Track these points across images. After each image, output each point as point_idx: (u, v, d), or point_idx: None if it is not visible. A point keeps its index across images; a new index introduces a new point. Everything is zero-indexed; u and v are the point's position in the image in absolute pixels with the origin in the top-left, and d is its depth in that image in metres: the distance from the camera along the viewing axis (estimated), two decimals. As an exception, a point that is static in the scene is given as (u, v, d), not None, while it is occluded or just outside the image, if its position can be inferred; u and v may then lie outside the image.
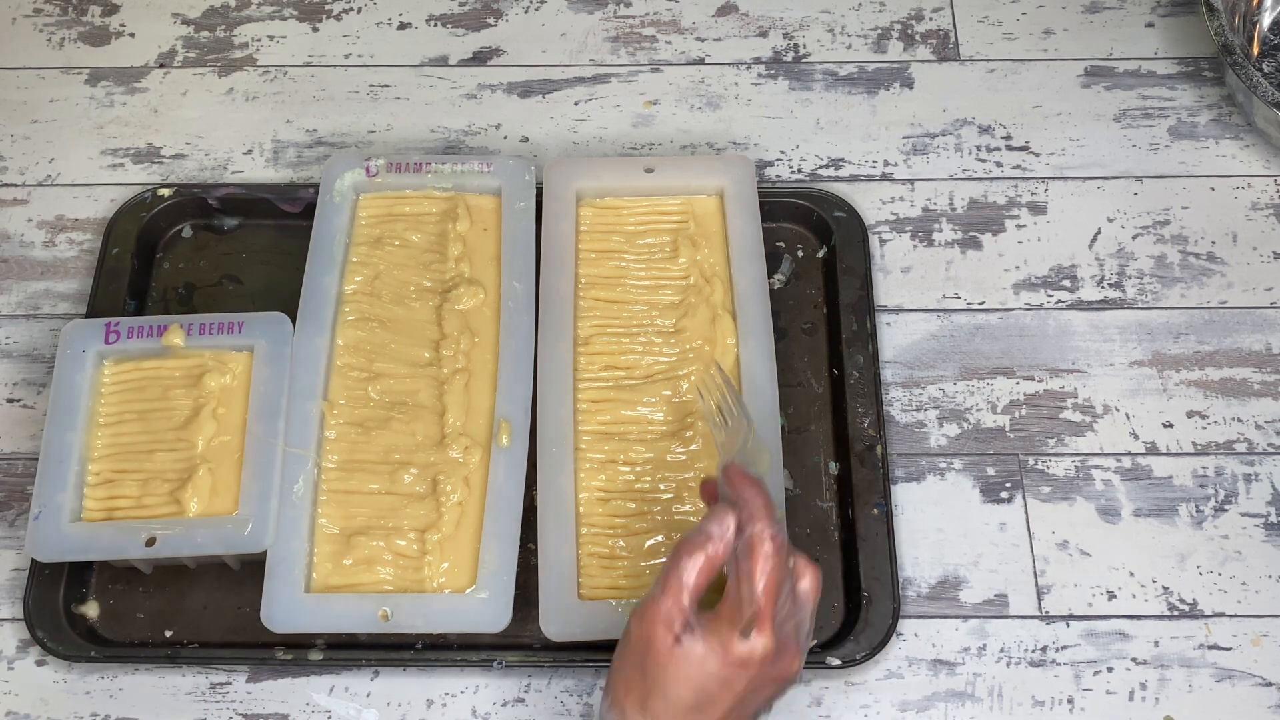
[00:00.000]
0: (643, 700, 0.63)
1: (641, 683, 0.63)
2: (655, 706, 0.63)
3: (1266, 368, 0.90)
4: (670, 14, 1.07)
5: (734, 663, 0.62)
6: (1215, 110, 1.01)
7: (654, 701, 0.63)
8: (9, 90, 1.03)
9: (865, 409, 0.86)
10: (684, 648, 0.62)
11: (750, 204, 0.90)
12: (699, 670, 0.62)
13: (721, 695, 0.63)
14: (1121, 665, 0.80)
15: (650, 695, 0.63)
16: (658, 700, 0.63)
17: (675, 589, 0.63)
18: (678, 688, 0.62)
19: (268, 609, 0.77)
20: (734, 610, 0.63)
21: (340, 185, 0.91)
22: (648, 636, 0.63)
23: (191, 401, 0.83)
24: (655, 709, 0.63)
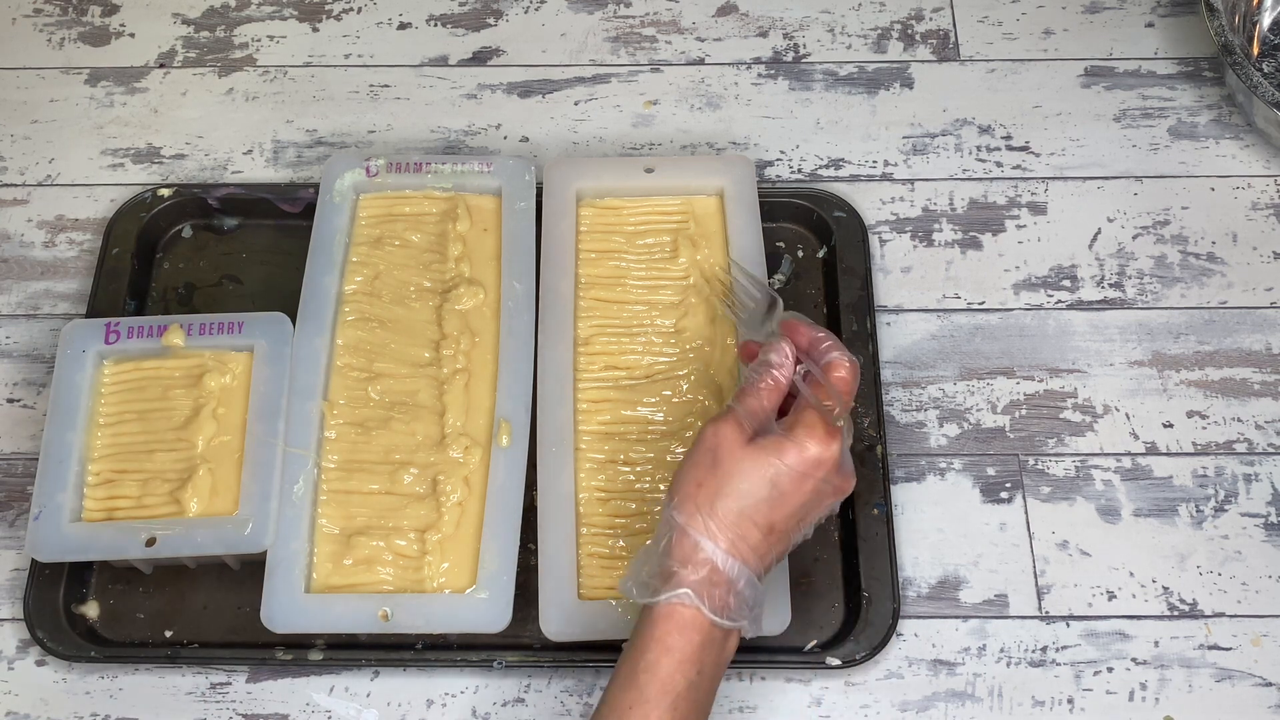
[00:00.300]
0: (712, 497, 0.67)
1: (713, 479, 0.67)
2: (725, 504, 0.66)
3: (1266, 368, 0.90)
4: (670, 14, 1.07)
5: (810, 460, 0.67)
6: (1215, 110, 1.01)
7: (725, 499, 0.66)
8: (9, 90, 1.03)
9: (865, 409, 0.86)
10: (759, 445, 0.67)
11: (750, 204, 0.90)
12: (774, 466, 0.67)
13: (794, 491, 0.67)
14: (1121, 665, 0.80)
15: (721, 492, 0.67)
16: (729, 497, 0.66)
17: (748, 404, 0.69)
18: (751, 482, 0.67)
19: (268, 609, 0.77)
20: (810, 421, 0.68)
21: (340, 185, 0.91)
22: (721, 439, 0.68)
23: (191, 401, 0.83)
24: (724, 506, 0.66)
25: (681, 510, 0.67)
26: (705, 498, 0.67)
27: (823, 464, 0.68)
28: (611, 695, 0.66)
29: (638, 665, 0.65)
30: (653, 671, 0.65)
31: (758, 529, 0.67)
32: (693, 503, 0.67)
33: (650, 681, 0.65)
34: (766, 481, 0.67)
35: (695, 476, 0.68)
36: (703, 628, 0.66)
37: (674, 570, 0.66)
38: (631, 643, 0.67)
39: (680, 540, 0.66)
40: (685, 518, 0.67)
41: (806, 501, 0.68)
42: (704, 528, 0.66)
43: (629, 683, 0.65)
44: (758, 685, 0.80)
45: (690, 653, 0.65)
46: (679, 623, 0.65)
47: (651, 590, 0.66)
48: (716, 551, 0.66)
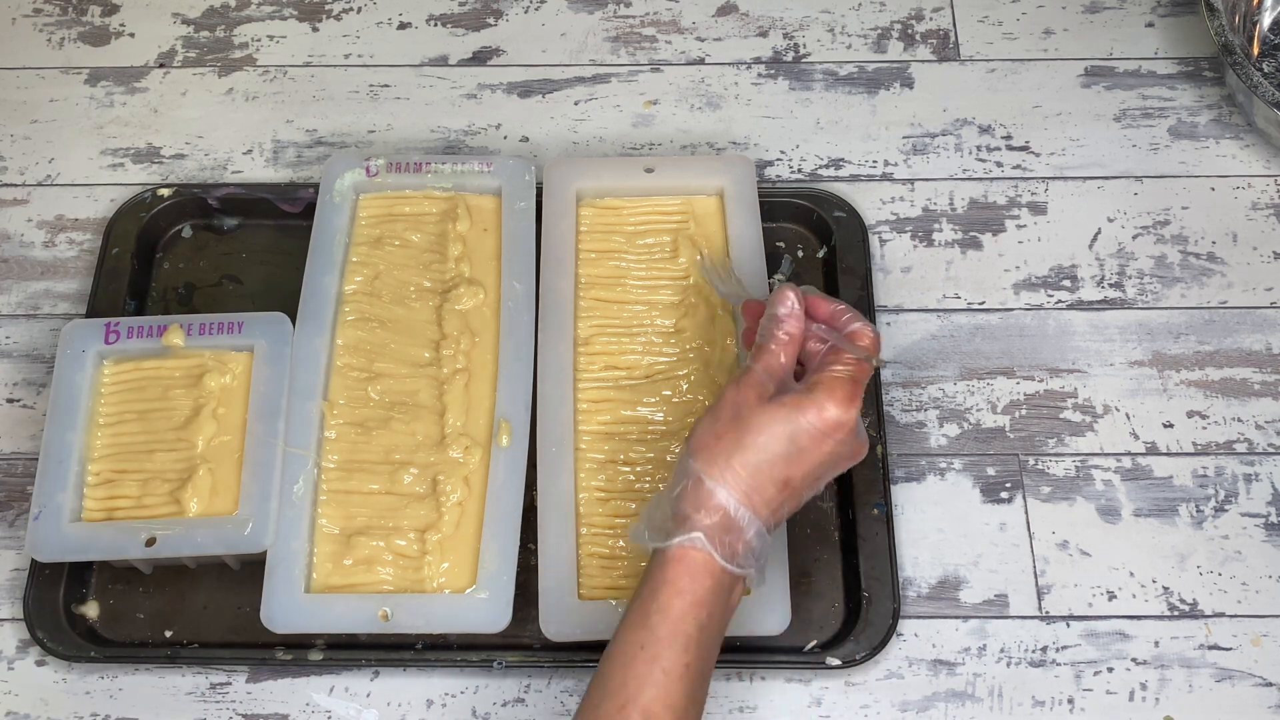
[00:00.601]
0: (730, 449, 0.68)
1: (732, 432, 0.68)
2: (743, 456, 0.67)
3: (1266, 368, 0.90)
4: (670, 14, 1.07)
5: (830, 422, 0.68)
6: (1215, 110, 1.01)
7: (744, 451, 0.68)
8: (9, 90, 1.03)
9: (865, 409, 0.86)
10: (780, 402, 0.69)
11: (750, 204, 0.90)
12: (793, 423, 0.68)
13: (812, 449, 0.69)
14: (1122, 665, 0.80)
15: (740, 445, 0.68)
16: (748, 450, 0.68)
17: (767, 362, 0.71)
18: (770, 437, 0.68)
19: (268, 609, 0.77)
20: (830, 383, 0.69)
21: (340, 185, 0.91)
22: (743, 397, 0.69)
23: (191, 401, 0.83)
24: (742, 458, 0.67)
25: (698, 458, 0.68)
26: (723, 449, 0.68)
27: (842, 426, 0.69)
28: (622, 636, 0.66)
29: (649, 608, 0.66)
30: (664, 613, 0.65)
31: (773, 483, 0.68)
32: (710, 452, 0.68)
33: (662, 623, 0.65)
34: (785, 438, 0.68)
35: (715, 429, 0.69)
36: (714, 572, 0.66)
37: (688, 514, 0.67)
38: (642, 586, 0.67)
39: (696, 487, 0.67)
40: (703, 465, 0.68)
41: (824, 461, 0.70)
42: (720, 477, 0.67)
43: (640, 623, 0.66)
44: (758, 685, 0.80)
45: (701, 596, 0.66)
46: (690, 566, 0.66)
47: (665, 534, 0.67)
48: (730, 499, 0.67)
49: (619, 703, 0.64)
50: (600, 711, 0.64)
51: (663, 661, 0.65)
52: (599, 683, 0.65)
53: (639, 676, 0.64)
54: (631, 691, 0.64)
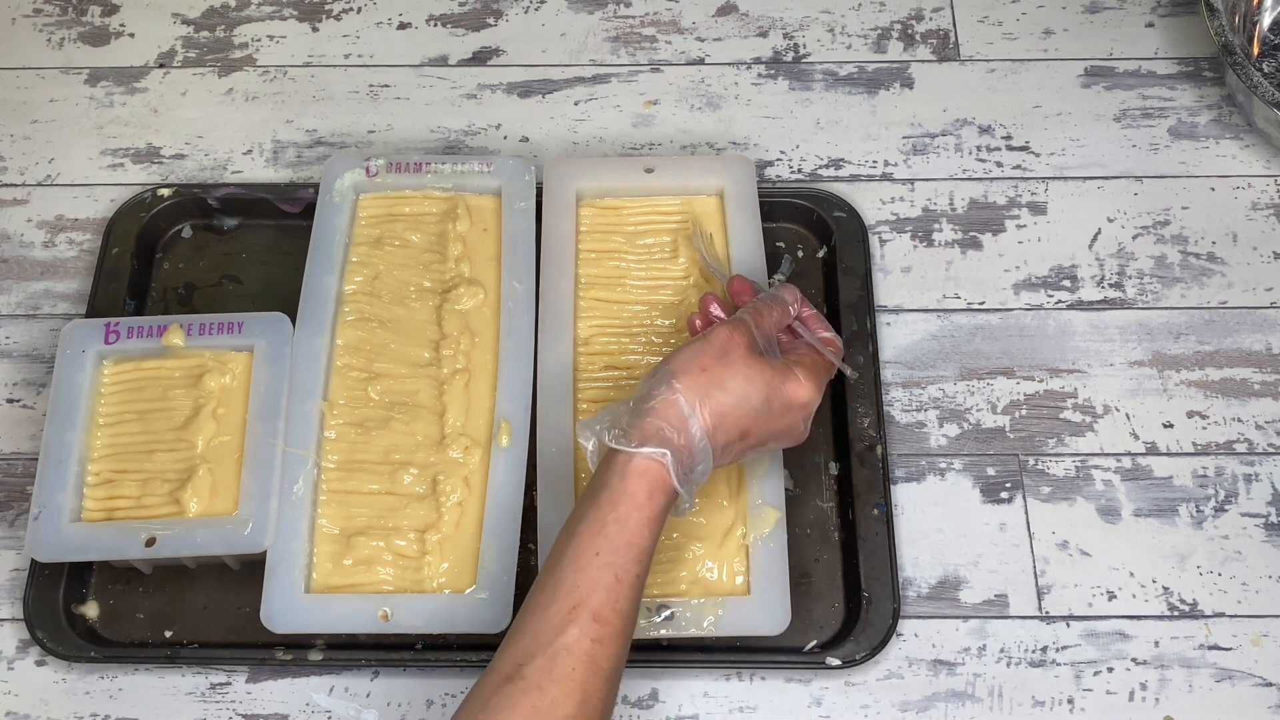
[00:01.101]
0: (710, 384, 0.70)
1: (718, 369, 0.71)
2: (721, 395, 0.70)
3: (1266, 368, 0.90)
4: (670, 14, 1.07)
5: (802, 399, 0.73)
6: (1215, 110, 1.01)
7: (723, 391, 0.70)
8: (9, 90, 1.03)
9: (865, 409, 0.86)
10: (767, 362, 0.72)
11: (750, 204, 0.90)
12: (772, 386, 0.72)
13: (777, 416, 0.72)
14: (1121, 665, 0.80)
15: (722, 384, 0.70)
16: (728, 391, 0.70)
17: (761, 323, 0.74)
18: (752, 388, 0.71)
19: (268, 609, 0.77)
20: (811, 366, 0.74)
21: (340, 185, 0.91)
22: (735, 341, 0.72)
23: (191, 401, 0.83)
24: (719, 396, 0.70)
25: (681, 380, 0.70)
26: (705, 381, 0.70)
27: (807, 408, 0.74)
28: (578, 541, 0.67)
29: (606, 515, 0.67)
30: (623, 524, 0.67)
31: (736, 429, 0.71)
32: (693, 379, 0.70)
33: (620, 533, 0.67)
34: (762, 395, 0.71)
35: (701, 362, 0.71)
36: (668, 492, 0.68)
37: (660, 428, 0.68)
38: (599, 490, 0.68)
39: (670, 406, 0.69)
40: (684, 388, 0.69)
41: (778, 431, 0.73)
42: (696, 405, 0.69)
43: (597, 531, 0.67)
44: (758, 685, 0.80)
45: (655, 513, 0.68)
46: (651, 481, 0.68)
47: (632, 441, 0.68)
48: (699, 429, 0.69)
49: (570, 603, 0.65)
50: (551, 611, 0.65)
51: (616, 569, 0.66)
52: (550, 584, 0.66)
53: (592, 581, 0.65)
54: (583, 594, 0.65)
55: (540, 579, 0.67)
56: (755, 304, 0.76)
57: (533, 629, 0.64)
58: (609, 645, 0.64)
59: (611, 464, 0.69)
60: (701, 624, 0.76)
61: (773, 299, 0.77)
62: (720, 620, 0.76)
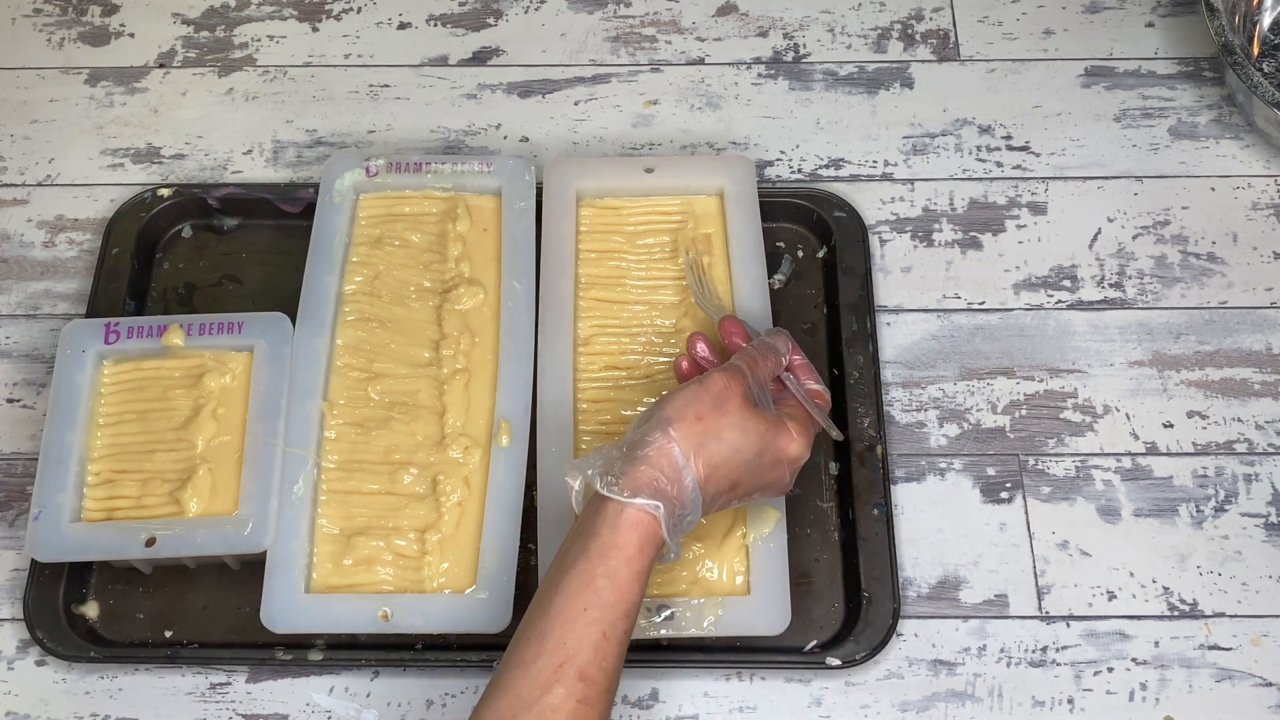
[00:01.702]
0: (706, 434, 0.68)
1: (714, 419, 0.69)
2: (716, 445, 0.68)
3: (1266, 368, 0.90)
4: (670, 14, 1.07)
5: (793, 454, 0.72)
6: (1215, 110, 1.01)
7: (718, 442, 0.68)
8: (9, 90, 1.03)
9: (865, 409, 0.86)
10: (763, 415, 0.71)
11: (750, 204, 0.90)
12: (765, 440, 0.70)
13: (768, 469, 0.71)
14: (1121, 665, 0.80)
15: (717, 435, 0.69)
16: (723, 442, 0.69)
17: (756, 373, 0.72)
18: (746, 441, 0.69)
19: (268, 609, 0.77)
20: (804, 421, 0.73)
21: (340, 185, 0.91)
22: (731, 392, 0.70)
23: (191, 401, 0.83)
24: (714, 447, 0.68)
25: (676, 428, 0.68)
26: (701, 430, 0.68)
27: (796, 463, 0.72)
28: (566, 593, 0.65)
29: (596, 569, 0.65)
30: (613, 579, 0.65)
31: (727, 480, 0.69)
32: (689, 428, 0.68)
33: (609, 588, 0.65)
34: (755, 448, 0.70)
35: (697, 410, 0.69)
36: (658, 544, 0.67)
37: (654, 478, 0.67)
38: (587, 540, 0.66)
39: (664, 455, 0.67)
40: (679, 436, 0.68)
41: (767, 483, 0.72)
42: (691, 455, 0.68)
43: (585, 583, 0.65)
44: (758, 685, 0.80)
45: (645, 566, 0.66)
46: (644, 533, 0.66)
47: (625, 490, 0.66)
48: (692, 480, 0.68)
49: (557, 661, 0.63)
50: (536, 668, 0.63)
51: (604, 626, 0.64)
52: (535, 638, 0.64)
53: (579, 638, 0.64)
54: (570, 651, 0.63)
55: (524, 629, 0.65)
56: (751, 352, 0.74)
57: (516, 686, 0.63)
58: (595, 705, 0.63)
59: (601, 512, 0.66)
60: (701, 624, 0.76)
61: (767, 347, 0.75)
62: (720, 620, 0.76)
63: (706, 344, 0.78)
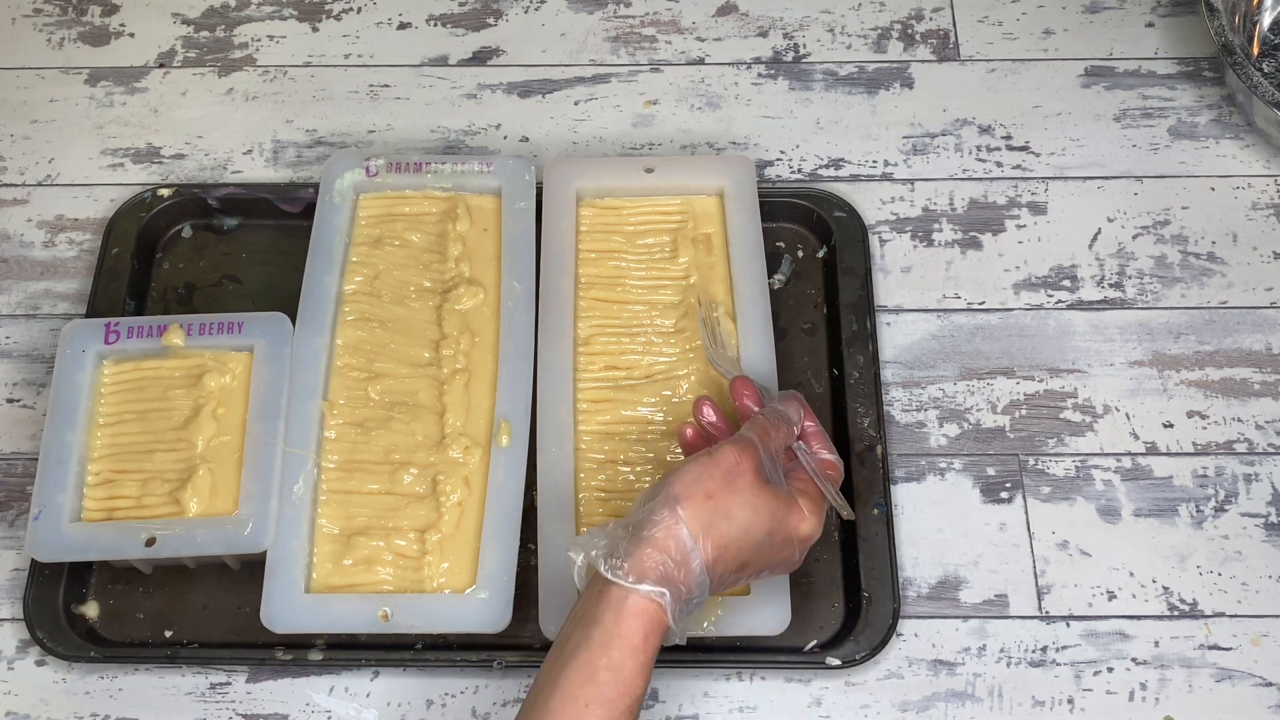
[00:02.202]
0: (715, 513, 0.66)
1: (724, 497, 0.66)
2: (725, 526, 0.66)
3: (1266, 368, 0.90)
4: (670, 14, 1.07)
5: (804, 533, 0.70)
6: (1215, 110, 1.01)
7: (728, 521, 0.66)
8: (9, 90, 1.03)
9: (865, 409, 0.86)
10: (774, 493, 0.68)
11: (750, 204, 0.90)
12: (777, 519, 0.68)
13: (778, 548, 0.69)
14: (1122, 665, 0.80)
15: (727, 514, 0.66)
16: (732, 522, 0.66)
17: (768, 447, 0.70)
18: (757, 520, 0.67)
19: (268, 609, 0.77)
20: (816, 497, 0.71)
21: (340, 185, 0.91)
22: (743, 467, 0.68)
23: (191, 401, 0.83)
24: (723, 527, 0.66)
25: (685, 507, 0.65)
26: (710, 509, 0.66)
27: (806, 541, 0.70)
28: (568, 684, 0.62)
29: (598, 660, 0.62)
30: (616, 672, 0.62)
31: (736, 561, 0.67)
32: (698, 507, 0.66)
33: (612, 681, 0.62)
34: (766, 528, 0.67)
35: (707, 487, 0.66)
36: (663, 632, 0.64)
37: (660, 562, 0.64)
38: (590, 628, 0.63)
39: (672, 536, 0.65)
40: (688, 517, 0.65)
41: (776, 562, 0.70)
42: (700, 537, 0.65)
43: (588, 676, 0.62)
44: (758, 685, 0.80)
45: (650, 657, 0.64)
46: (648, 622, 0.64)
47: (630, 575, 0.64)
48: (699, 563, 0.65)
49: None
50: None
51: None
52: None
53: None
54: None
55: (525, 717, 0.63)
56: (762, 422, 0.71)
57: None
58: None
59: (604, 597, 0.64)
60: (701, 624, 0.76)
61: (779, 416, 0.72)
62: (720, 620, 0.76)
63: (713, 408, 0.75)
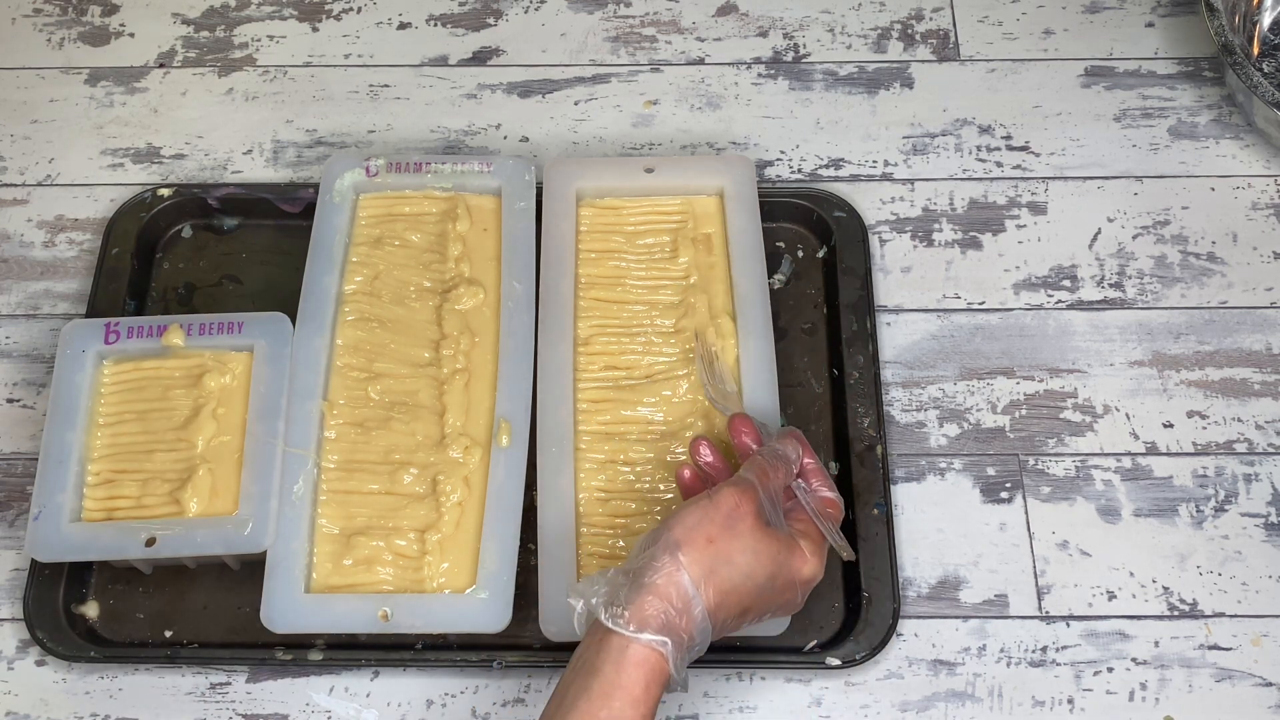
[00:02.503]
0: (717, 559, 0.65)
1: (725, 542, 0.66)
2: (727, 571, 0.65)
3: (1266, 368, 0.90)
4: (670, 14, 1.07)
5: (806, 576, 0.69)
6: (1215, 110, 1.01)
7: (730, 567, 0.65)
8: (9, 90, 1.03)
9: (865, 409, 0.86)
10: (775, 536, 0.68)
11: (750, 204, 0.90)
12: (778, 563, 0.67)
13: (779, 591, 0.68)
14: (1121, 665, 0.80)
15: (729, 559, 0.65)
16: (734, 567, 0.65)
17: (768, 488, 0.69)
18: (758, 565, 0.67)
19: (268, 609, 0.77)
20: (818, 539, 0.70)
21: (340, 185, 0.91)
22: (744, 511, 0.67)
23: (191, 401, 0.83)
24: (725, 573, 0.65)
25: (686, 552, 0.65)
26: (712, 555, 0.65)
27: (808, 584, 0.70)
28: None
29: (599, 712, 0.62)
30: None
31: (738, 606, 0.67)
32: (699, 553, 0.65)
33: None
34: (768, 572, 0.67)
35: (708, 531, 0.66)
36: (664, 681, 0.64)
37: (662, 610, 0.64)
38: (589, 676, 0.63)
39: (673, 584, 0.64)
40: (688, 563, 0.65)
41: (778, 605, 0.69)
42: (702, 583, 0.65)
43: None
44: (758, 685, 0.80)
45: (651, 707, 0.63)
46: (650, 672, 0.63)
47: (630, 623, 0.63)
48: (701, 609, 0.65)
49: None
50: None
51: None
52: None
53: None
54: None
55: None
56: (761, 463, 0.70)
57: None
58: None
59: (605, 646, 0.63)
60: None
61: (777, 456, 0.71)
62: (720, 620, 0.76)
63: (710, 447, 0.75)
